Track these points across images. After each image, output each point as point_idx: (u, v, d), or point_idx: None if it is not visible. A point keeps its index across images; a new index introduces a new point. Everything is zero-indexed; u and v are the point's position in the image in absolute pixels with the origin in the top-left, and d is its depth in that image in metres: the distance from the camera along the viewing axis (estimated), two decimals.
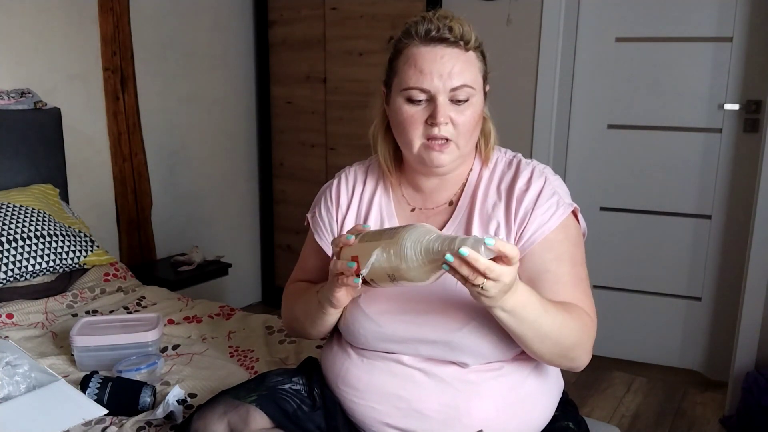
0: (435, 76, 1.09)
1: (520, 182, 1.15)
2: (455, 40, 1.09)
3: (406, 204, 1.25)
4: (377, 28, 2.95)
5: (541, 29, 2.65)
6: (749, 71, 2.51)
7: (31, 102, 2.39)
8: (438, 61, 1.09)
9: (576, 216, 1.17)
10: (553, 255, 1.12)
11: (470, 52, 1.11)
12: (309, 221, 1.33)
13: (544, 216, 1.12)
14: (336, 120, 3.18)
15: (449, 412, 1.10)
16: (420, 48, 1.10)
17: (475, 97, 1.12)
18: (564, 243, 1.13)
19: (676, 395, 2.60)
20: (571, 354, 1.10)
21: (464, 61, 1.10)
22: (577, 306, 1.10)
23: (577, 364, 1.12)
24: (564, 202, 1.14)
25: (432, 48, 1.10)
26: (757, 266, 2.32)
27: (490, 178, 1.20)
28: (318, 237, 1.29)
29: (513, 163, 1.20)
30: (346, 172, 1.32)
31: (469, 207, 1.18)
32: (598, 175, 2.81)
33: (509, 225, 1.13)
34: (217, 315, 2.02)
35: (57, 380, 1.43)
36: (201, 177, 3.20)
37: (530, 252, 1.12)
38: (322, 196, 1.32)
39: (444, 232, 1.17)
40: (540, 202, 1.13)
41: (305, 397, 1.20)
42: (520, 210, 1.13)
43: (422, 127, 1.12)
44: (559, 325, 1.06)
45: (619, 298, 2.81)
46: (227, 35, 3.23)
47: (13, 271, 2.03)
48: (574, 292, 1.11)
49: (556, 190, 1.15)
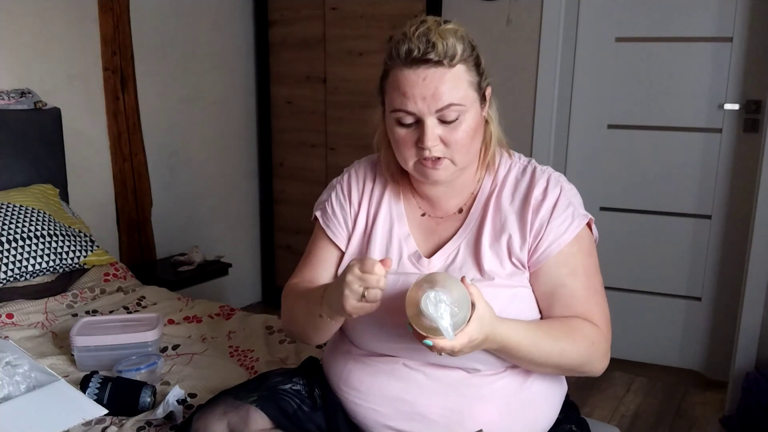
0: (418, 99, 1.05)
1: (536, 192, 1.14)
2: (438, 59, 1.04)
3: (416, 207, 1.23)
4: (377, 28, 2.95)
5: (541, 29, 2.65)
6: (749, 71, 2.51)
7: (31, 102, 2.38)
8: (420, 84, 1.04)
9: (590, 226, 1.16)
10: (567, 269, 1.11)
11: (457, 67, 1.06)
12: (317, 218, 1.29)
13: (560, 228, 1.11)
14: (336, 120, 3.18)
15: (452, 415, 1.10)
16: (403, 71, 1.06)
17: (467, 113, 1.08)
18: (578, 255, 1.12)
19: (676, 395, 2.60)
20: (579, 370, 1.11)
21: (449, 79, 1.05)
22: (585, 323, 1.10)
23: (592, 374, 1.13)
24: (579, 214, 1.13)
25: (414, 70, 1.05)
26: (757, 266, 2.32)
27: (502, 186, 1.18)
28: (330, 232, 1.26)
29: (527, 170, 1.18)
30: (355, 167, 1.30)
31: (481, 217, 1.17)
32: (598, 175, 2.81)
33: (524, 236, 1.13)
34: (217, 315, 2.02)
35: (57, 380, 1.43)
36: (201, 177, 3.20)
37: (545, 266, 1.11)
38: (332, 191, 1.29)
39: (454, 241, 1.17)
40: (556, 214, 1.12)
41: (305, 398, 1.19)
42: (536, 221, 1.12)
43: (414, 149, 1.10)
44: (558, 352, 1.07)
45: (619, 298, 2.81)
46: (227, 35, 3.23)
47: (13, 271, 2.03)
48: (586, 305, 1.11)
49: (571, 201, 1.14)
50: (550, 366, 1.09)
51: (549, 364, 1.08)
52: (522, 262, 1.12)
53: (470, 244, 1.16)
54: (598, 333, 1.11)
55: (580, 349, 1.08)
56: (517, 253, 1.12)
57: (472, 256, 1.15)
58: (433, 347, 0.95)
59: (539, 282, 1.12)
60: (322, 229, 1.28)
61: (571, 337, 1.08)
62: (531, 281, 1.13)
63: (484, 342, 1.00)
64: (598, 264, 1.17)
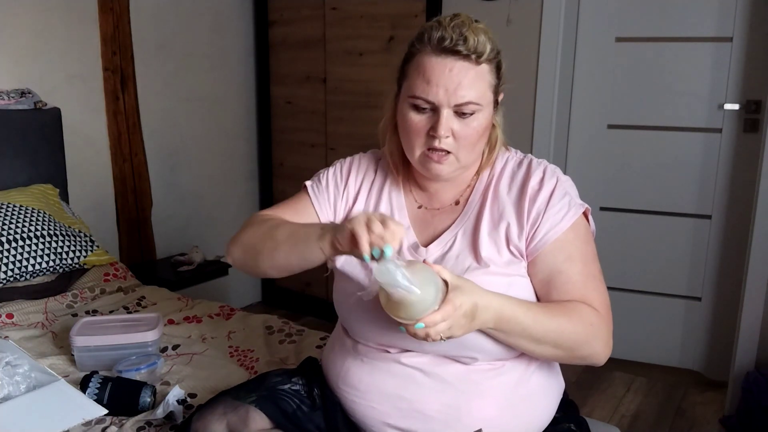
0: (441, 89, 1.07)
1: (532, 182, 1.15)
2: (468, 53, 1.06)
3: (413, 200, 1.25)
4: (377, 28, 2.95)
5: (541, 29, 2.65)
6: (749, 71, 2.50)
7: (31, 102, 2.39)
8: (446, 74, 1.07)
9: (586, 216, 1.17)
10: (564, 255, 1.12)
11: (482, 65, 1.09)
12: (307, 186, 1.29)
13: (556, 216, 1.12)
14: (336, 120, 3.18)
15: (450, 412, 1.10)
16: (431, 57, 1.08)
17: (481, 112, 1.10)
18: (574, 242, 1.13)
19: (676, 395, 2.60)
20: (579, 353, 1.10)
21: (473, 76, 1.08)
22: (583, 305, 1.10)
23: (594, 360, 1.12)
24: (575, 203, 1.14)
25: (442, 59, 1.07)
26: (757, 266, 2.32)
27: (500, 177, 1.19)
28: (316, 201, 1.26)
29: (524, 162, 1.20)
30: (359, 157, 1.32)
31: (479, 206, 1.18)
32: (598, 175, 2.81)
33: (521, 224, 1.13)
34: (217, 315, 2.02)
35: (57, 380, 1.43)
36: (201, 177, 3.20)
37: (542, 253, 1.12)
38: (331, 168, 1.30)
39: (451, 230, 1.18)
40: (552, 203, 1.13)
41: (305, 398, 1.20)
42: (532, 210, 1.13)
43: (424, 137, 1.11)
44: (555, 329, 1.06)
45: (619, 298, 2.80)
46: (227, 35, 3.23)
47: (13, 271, 2.03)
48: (583, 290, 1.11)
49: (568, 191, 1.15)
50: (548, 343, 1.07)
51: (547, 341, 1.06)
52: (520, 251, 1.13)
53: (468, 233, 1.16)
54: (598, 316, 1.10)
55: (577, 327, 1.07)
56: (515, 241, 1.13)
57: (469, 244, 1.15)
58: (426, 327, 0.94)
59: (536, 270, 1.12)
60: (308, 196, 1.27)
61: (567, 315, 1.07)
62: (529, 271, 1.13)
63: (477, 311, 0.98)
64: (596, 253, 1.17)
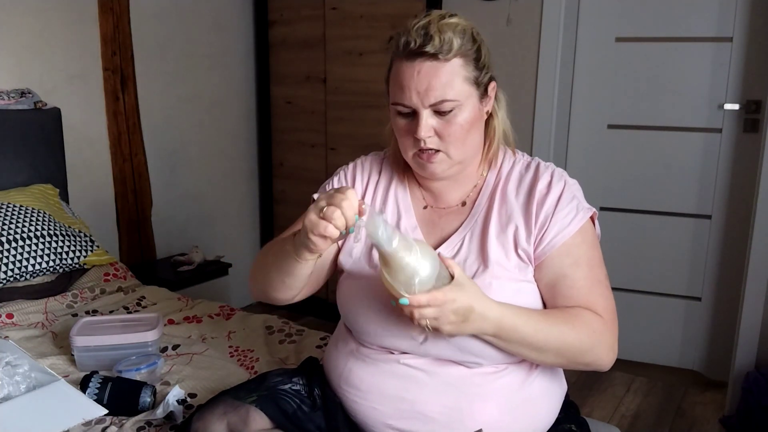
0: (413, 93, 1.08)
1: (540, 185, 1.15)
2: (435, 51, 1.05)
3: (420, 200, 1.24)
4: (377, 28, 2.95)
5: (541, 29, 2.65)
6: (749, 71, 2.50)
7: (31, 102, 2.39)
8: (415, 77, 1.07)
9: (593, 220, 1.17)
10: (571, 260, 1.12)
11: (452, 61, 1.07)
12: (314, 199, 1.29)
13: (564, 220, 1.12)
14: (336, 120, 3.18)
15: (452, 413, 1.10)
16: (402, 63, 1.08)
17: (462, 107, 1.09)
18: (581, 247, 1.13)
19: (676, 395, 2.60)
20: (582, 360, 1.10)
21: (443, 73, 1.06)
22: (587, 311, 1.10)
23: (598, 366, 1.12)
24: (583, 207, 1.14)
25: (410, 63, 1.07)
26: (757, 266, 2.32)
27: (507, 180, 1.19)
28: None
29: (531, 165, 1.20)
30: (362, 160, 1.32)
31: (487, 208, 1.18)
32: (598, 175, 2.81)
33: (529, 227, 1.13)
34: (217, 315, 2.02)
35: (57, 380, 1.43)
36: (201, 177, 3.20)
37: (549, 258, 1.12)
38: (335, 177, 1.31)
39: (459, 232, 1.17)
40: (560, 206, 1.13)
41: (305, 398, 1.20)
42: (541, 213, 1.13)
43: (412, 139, 1.12)
44: (557, 338, 1.06)
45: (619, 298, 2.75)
46: (227, 35, 3.23)
47: (13, 271, 2.03)
48: (588, 295, 1.11)
49: (575, 194, 1.15)
50: (551, 352, 1.07)
51: (549, 349, 1.06)
52: (528, 255, 1.13)
53: (475, 236, 1.16)
54: (601, 322, 1.10)
55: (580, 334, 1.07)
56: (523, 244, 1.13)
57: (477, 247, 1.15)
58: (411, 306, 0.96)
59: (542, 274, 1.12)
60: None
61: (570, 323, 1.07)
62: (535, 275, 1.13)
63: (471, 314, 0.98)
64: (602, 258, 1.17)
